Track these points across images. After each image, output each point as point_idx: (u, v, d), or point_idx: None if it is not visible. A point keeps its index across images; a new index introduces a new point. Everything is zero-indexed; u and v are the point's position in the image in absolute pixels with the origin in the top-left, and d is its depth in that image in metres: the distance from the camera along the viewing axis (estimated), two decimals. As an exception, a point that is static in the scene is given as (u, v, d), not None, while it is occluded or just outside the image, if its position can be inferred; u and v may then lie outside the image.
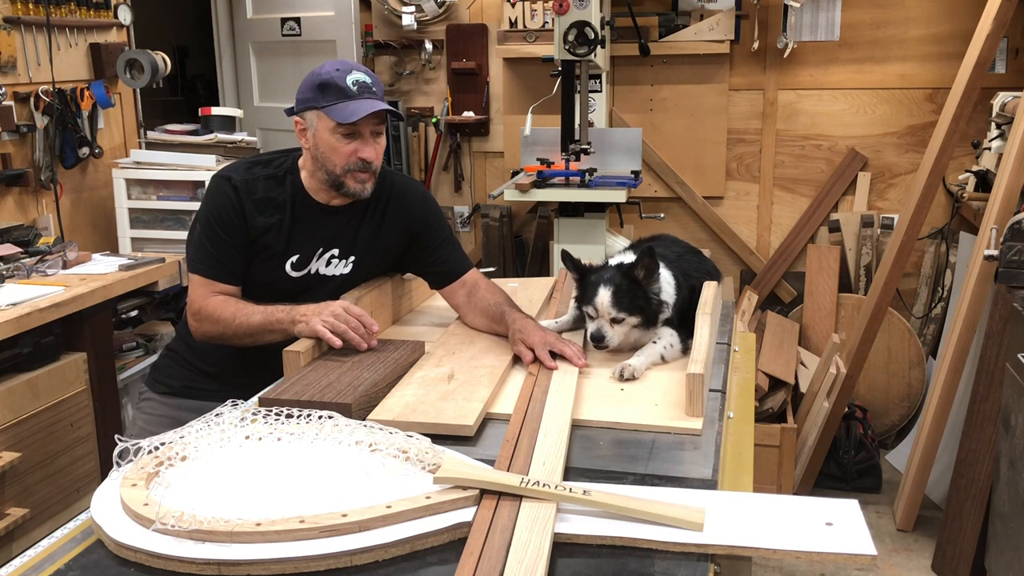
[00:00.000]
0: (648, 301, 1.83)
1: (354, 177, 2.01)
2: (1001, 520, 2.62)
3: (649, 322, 1.86)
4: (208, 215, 2.04)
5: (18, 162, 3.51)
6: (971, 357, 3.12)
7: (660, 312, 1.86)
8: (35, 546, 1.24)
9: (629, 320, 1.83)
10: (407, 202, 2.18)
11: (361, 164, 2.00)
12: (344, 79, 1.95)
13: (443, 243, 2.20)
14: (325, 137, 1.99)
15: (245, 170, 2.08)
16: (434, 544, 1.20)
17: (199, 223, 2.06)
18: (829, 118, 4.29)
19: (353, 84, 1.96)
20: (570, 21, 3.56)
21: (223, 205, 2.03)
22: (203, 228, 2.04)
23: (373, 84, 1.99)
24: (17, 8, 3.46)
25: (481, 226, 4.71)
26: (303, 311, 1.90)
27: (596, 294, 1.83)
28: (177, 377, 2.21)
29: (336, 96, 1.95)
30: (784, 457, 3.37)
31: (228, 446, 1.40)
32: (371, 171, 2.03)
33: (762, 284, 4.45)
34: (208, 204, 2.06)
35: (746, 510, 1.26)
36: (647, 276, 1.83)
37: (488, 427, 1.61)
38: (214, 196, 2.05)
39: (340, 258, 2.12)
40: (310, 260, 2.10)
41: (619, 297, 1.81)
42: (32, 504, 2.63)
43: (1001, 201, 3.00)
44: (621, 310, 1.81)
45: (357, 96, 1.95)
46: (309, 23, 4.57)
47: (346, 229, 2.12)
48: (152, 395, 2.25)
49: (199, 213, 2.07)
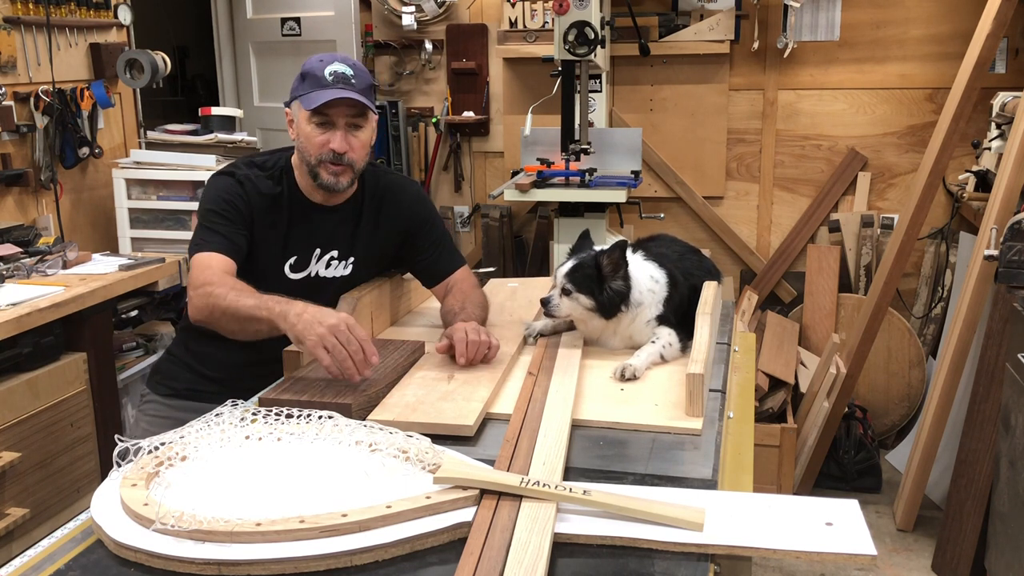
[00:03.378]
0: (602, 290, 1.87)
1: (326, 168, 1.98)
2: (1001, 520, 2.62)
3: (603, 311, 1.89)
4: (210, 203, 2.00)
5: (18, 162, 3.51)
6: (971, 357, 3.12)
7: (618, 305, 1.88)
8: (35, 546, 1.24)
9: (578, 297, 1.88)
10: (402, 202, 2.18)
11: (332, 155, 1.97)
12: (323, 69, 1.94)
13: (435, 243, 2.21)
14: (303, 127, 1.98)
15: (246, 167, 2.07)
16: (434, 544, 1.20)
17: (200, 216, 2.02)
18: (829, 118, 4.29)
19: (330, 75, 1.94)
20: (570, 21, 3.55)
21: (227, 192, 2.00)
22: (203, 217, 2.00)
23: (353, 76, 1.96)
24: (17, 8, 3.46)
25: (481, 226, 4.71)
26: (299, 310, 1.71)
27: (564, 264, 1.92)
28: (180, 379, 2.20)
29: (311, 85, 1.94)
30: (784, 457, 3.37)
31: (228, 446, 1.40)
32: (344, 164, 1.99)
33: (762, 284, 4.45)
34: (209, 193, 2.03)
35: (746, 510, 1.26)
36: (612, 269, 1.87)
37: (488, 427, 1.61)
38: (216, 187, 2.03)
39: (340, 259, 2.12)
40: (308, 262, 2.09)
41: (576, 273, 1.88)
42: (32, 504, 2.63)
43: (1001, 201, 3.00)
44: (571, 283, 1.88)
45: (331, 85, 1.93)
46: (309, 23, 4.57)
47: (343, 229, 2.11)
48: (155, 396, 2.24)
49: (200, 208, 2.04)
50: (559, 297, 1.90)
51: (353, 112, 1.97)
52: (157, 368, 2.32)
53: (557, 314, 1.91)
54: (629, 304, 1.89)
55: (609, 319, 1.91)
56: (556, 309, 1.90)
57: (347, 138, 1.98)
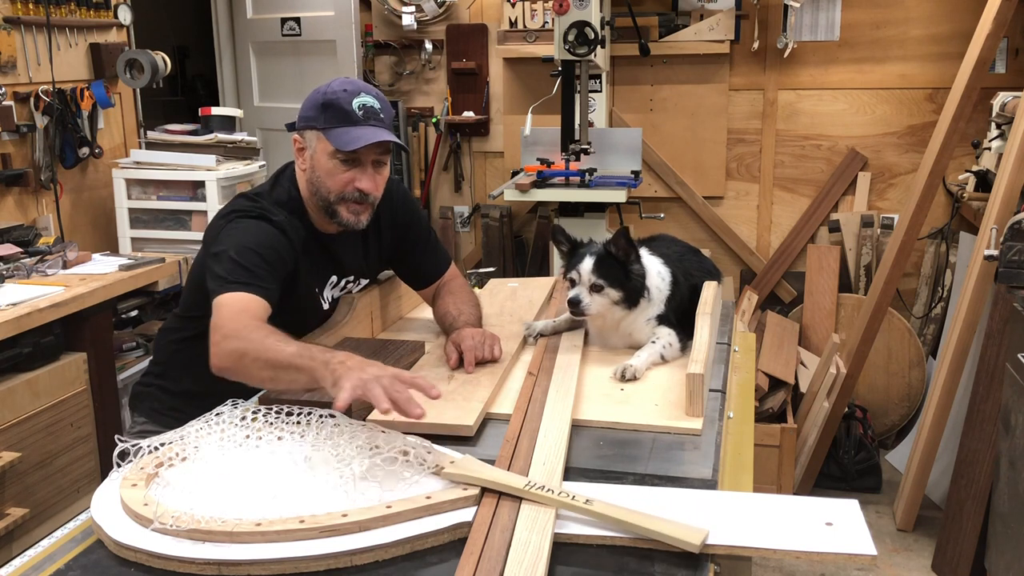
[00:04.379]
0: (628, 277, 1.85)
1: (347, 207, 1.88)
2: (1001, 520, 2.62)
3: (629, 300, 1.86)
4: (249, 244, 1.79)
5: (18, 162, 3.52)
6: (971, 357, 3.12)
7: (641, 292, 1.87)
8: (35, 546, 1.24)
9: (608, 292, 1.85)
10: (392, 204, 2.11)
11: (357, 195, 1.87)
12: (350, 101, 1.81)
13: (423, 243, 2.17)
14: (323, 161, 1.85)
15: (275, 209, 1.90)
16: (434, 544, 1.21)
17: (231, 250, 1.78)
18: (829, 118, 4.29)
19: (359, 108, 1.82)
20: (570, 21, 3.56)
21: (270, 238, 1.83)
22: (239, 253, 1.77)
23: (381, 110, 1.85)
24: (17, 8, 3.46)
25: (481, 226, 4.71)
26: (342, 358, 1.51)
27: (581, 261, 1.86)
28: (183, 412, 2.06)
29: (339, 119, 1.82)
30: (784, 457, 3.37)
31: (228, 446, 1.40)
32: (368, 203, 1.89)
33: (762, 284, 4.44)
34: (249, 233, 1.82)
35: (746, 510, 1.26)
36: (624, 254, 1.86)
37: (488, 427, 1.61)
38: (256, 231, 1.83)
39: (355, 281, 2.10)
40: (324, 288, 2.02)
41: (601, 266, 1.84)
42: (32, 504, 2.63)
43: (1001, 201, 3.00)
44: (601, 277, 1.84)
45: (362, 122, 1.81)
46: (309, 23, 4.56)
47: (354, 252, 2.06)
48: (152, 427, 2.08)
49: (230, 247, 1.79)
50: (588, 295, 1.85)
51: (380, 150, 1.88)
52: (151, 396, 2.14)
53: (589, 312, 1.85)
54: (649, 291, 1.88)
55: (632, 308, 1.88)
56: (588, 308, 1.85)
57: (374, 177, 1.89)
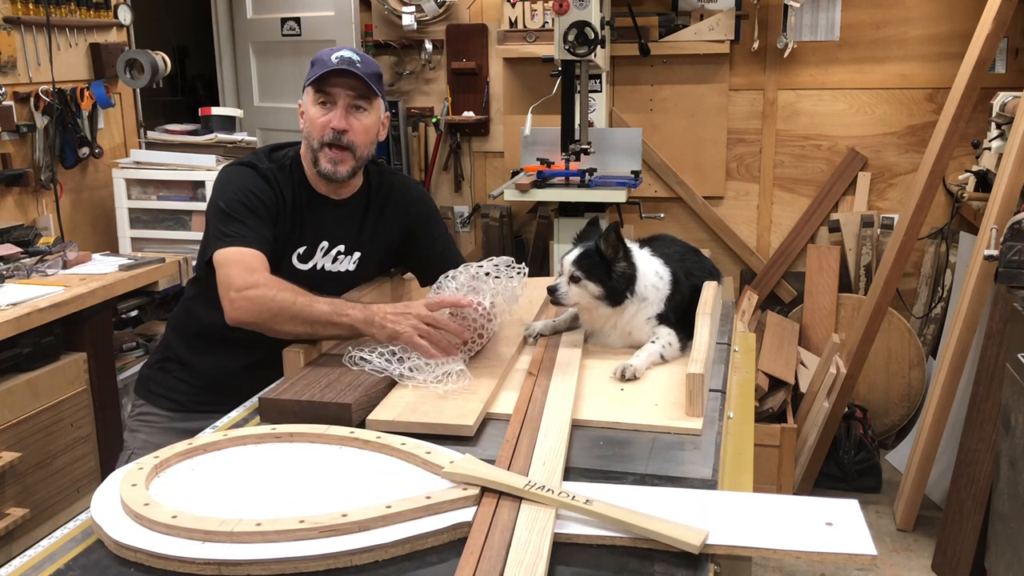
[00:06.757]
0: (610, 276, 1.85)
1: (326, 155, 1.98)
2: (1001, 520, 2.62)
3: (611, 297, 1.86)
4: (236, 194, 1.95)
5: (18, 162, 3.52)
6: (971, 357, 3.12)
7: (624, 290, 1.86)
8: (35, 546, 1.23)
9: (587, 285, 1.85)
10: (407, 200, 2.19)
11: (333, 135, 1.96)
12: (330, 55, 1.96)
13: (438, 241, 2.22)
14: (309, 111, 2.00)
15: (265, 160, 2.05)
16: (434, 544, 1.20)
17: (224, 206, 1.94)
18: (829, 118, 4.29)
19: (336, 59, 1.95)
20: (570, 21, 3.56)
21: (254, 185, 1.98)
22: (229, 207, 1.94)
23: (359, 61, 1.97)
24: (17, 8, 3.46)
25: (481, 226, 4.71)
26: (385, 311, 1.79)
27: (568, 252, 1.89)
28: (178, 390, 2.15)
29: (318, 69, 1.96)
30: (784, 457, 3.37)
31: (228, 448, 1.40)
32: (344, 146, 1.98)
33: (762, 284, 4.45)
34: (232, 185, 1.98)
35: (746, 510, 1.26)
36: (613, 251, 1.85)
37: (488, 427, 1.61)
38: (239, 179, 1.99)
39: (346, 254, 2.11)
40: (314, 253, 2.08)
41: (584, 259, 1.86)
42: (32, 504, 2.63)
43: (1001, 201, 3.00)
44: (580, 270, 1.85)
45: (336, 67, 1.94)
46: (309, 23, 4.57)
47: (350, 223, 2.12)
48: (152, 408, 2.18)
49: (219, 198, 1.96)
50: (567, 285, 1.87)
51: (355, 93, 1.98)
52: (150, 377, 2.23)
53: (565, 302, 1.88)
54: (635, 292, 1.87)
55: (615, 306, 1.88)
56: (564, 297, 1.87)
57: (347, 117, 1.98)
